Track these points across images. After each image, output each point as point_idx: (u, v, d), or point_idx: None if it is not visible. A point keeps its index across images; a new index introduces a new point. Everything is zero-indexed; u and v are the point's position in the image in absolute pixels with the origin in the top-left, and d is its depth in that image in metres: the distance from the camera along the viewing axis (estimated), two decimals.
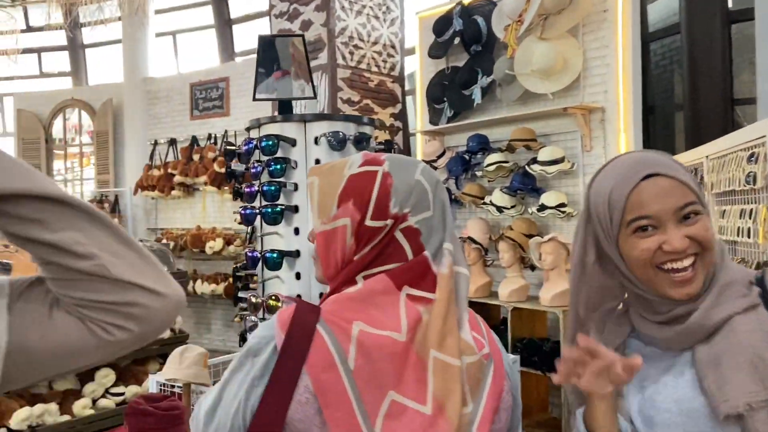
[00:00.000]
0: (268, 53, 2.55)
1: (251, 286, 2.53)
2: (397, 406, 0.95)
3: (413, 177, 1.07)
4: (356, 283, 1.03)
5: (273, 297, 2.36)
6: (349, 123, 2.38)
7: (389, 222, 1.03)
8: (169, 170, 7.49)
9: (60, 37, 9.56)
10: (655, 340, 1.14)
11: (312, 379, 0.94)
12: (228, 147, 2.43)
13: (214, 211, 7.42)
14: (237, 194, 2.43)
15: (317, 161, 2.34)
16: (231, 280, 6.44)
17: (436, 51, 5.29)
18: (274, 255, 2.42)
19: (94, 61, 9.67)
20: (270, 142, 2.32)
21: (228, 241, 6.72)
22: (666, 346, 1.13)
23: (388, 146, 2.47)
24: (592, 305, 1.19)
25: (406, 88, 6.13)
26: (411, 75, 6.30)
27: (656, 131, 5.09)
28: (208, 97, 7.54)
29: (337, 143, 2.30)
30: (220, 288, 6.65)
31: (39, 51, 9.87)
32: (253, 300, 2.34)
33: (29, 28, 9.69)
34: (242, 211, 2.40)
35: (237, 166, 2.42)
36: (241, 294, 2.47)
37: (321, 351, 0.95)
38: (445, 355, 0.98)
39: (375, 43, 5.76)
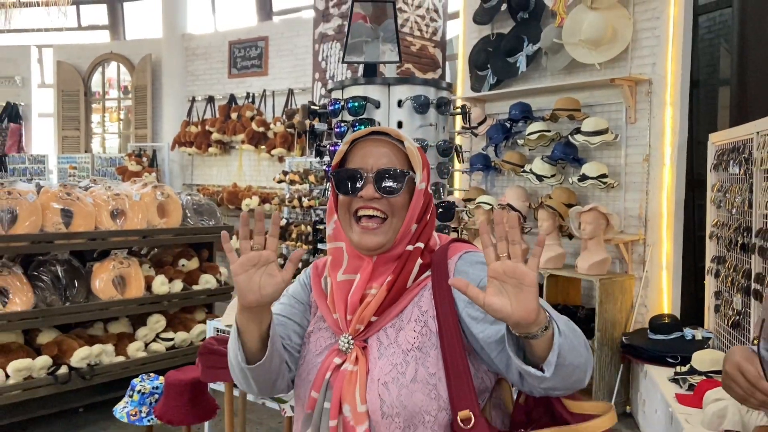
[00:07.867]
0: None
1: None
2: None
3: None
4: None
5: None
6: (429, 87, 2.44)
7: None
8: (207, 127, 7.61)
9: None
10: None
11: None
12: (312, 107, 2.53)
13: (250, 169, 7.56)
14: (319, 153, 2.54)
15: (399, 124, 2.42)
16: None
17: (481, 17, 5.29)
18: None
19: (132, 15, 9.74)
20: (356, 104, 2.40)
21: (264, 200, 6.85)
22: None
23: (463, 111, 2.54)
24: None
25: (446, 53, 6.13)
26: (450, 40, 6.28)
27: (699, 106, 5.07)
28: (246, 55, 7.59)
29: (420, 107, 2.37)
30: None
31: (77, 3, 9.94)
32: None
33: None
34: (327, 168, 2.50)
35: (319, 125, 2.52)
36: (321, 246, 2.58)
37: None
38: None
39: (419, 6, 5.76)
